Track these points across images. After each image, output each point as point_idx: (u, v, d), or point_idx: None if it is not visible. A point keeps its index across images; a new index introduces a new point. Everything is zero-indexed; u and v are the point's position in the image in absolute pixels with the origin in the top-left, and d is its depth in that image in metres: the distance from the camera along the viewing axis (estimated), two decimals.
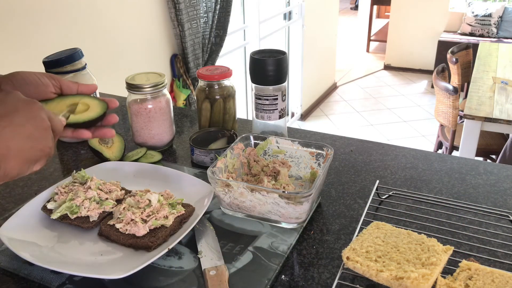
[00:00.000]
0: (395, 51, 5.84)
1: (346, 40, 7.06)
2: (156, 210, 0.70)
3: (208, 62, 2.64)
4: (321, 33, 4.63)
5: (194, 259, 0.66)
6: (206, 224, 0.74)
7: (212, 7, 2.51)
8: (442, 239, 0.68)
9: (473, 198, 0.80)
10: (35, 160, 0.52)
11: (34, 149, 0.51)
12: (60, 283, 0.63)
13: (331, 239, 0.71)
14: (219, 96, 0.98)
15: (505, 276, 0.56)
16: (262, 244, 0.69)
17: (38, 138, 0.51)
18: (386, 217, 0.75)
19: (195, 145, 0.92)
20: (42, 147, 0.52)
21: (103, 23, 2.01)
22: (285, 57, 0.89)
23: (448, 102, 2.73)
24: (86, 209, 0.71)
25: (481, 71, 3.15)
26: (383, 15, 8.04)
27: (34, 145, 0.51)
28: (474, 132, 2.46)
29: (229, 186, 0.71)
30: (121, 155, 0.94)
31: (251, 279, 0.62)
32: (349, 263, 0.59)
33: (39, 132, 0.52)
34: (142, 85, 0.92)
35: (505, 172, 0.87)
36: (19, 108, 0.51)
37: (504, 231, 0.71)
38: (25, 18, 1.67)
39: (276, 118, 0.92)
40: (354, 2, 9.13)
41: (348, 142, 1.02)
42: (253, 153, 0.82)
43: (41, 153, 0.52)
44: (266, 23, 3.48)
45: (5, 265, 0.66)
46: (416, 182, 0.85)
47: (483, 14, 5.22)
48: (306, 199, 0.67)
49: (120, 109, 1.23)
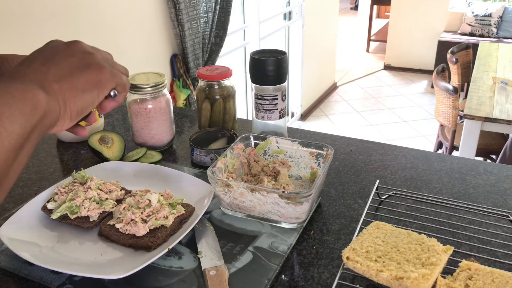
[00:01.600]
0: (395, 51, 5.84)
1: (346, 40, 7.06)
2: (156, 210, 0.70)
3: (208, 62, 2.64)
4: (321, 33, 4.63)
5: (194, 259, 0.66)
6: (206, 224, 0.74)
7: (212, 7, 2.51)
8: (442, 239, 0.68)
9: (473, 198, 0.80)
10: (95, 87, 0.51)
11: (86, 76, 0.50)
12: (60, 283, 0.63)
13: (331, 239, 0.71)
14: (219, 96, 0.98)
15: (505, 276, 0.56)
16: (262, 244, 0.69)
17: (86, 67, 0.50)
18: (386, 217, 0.75)
19: (195, 145, 0.92)
20: (95, 73, 0.51)
21: (103, 23, 2.01)
22: (285, 57, 0.89)
23: (448, 102, 2.73)
24: (86, 209, 0.71)
25: (481, 71, 3.15)
26: (383, 15, 8.04)
27: (84, 72, 0.50)
28: (474, 132, 2.46)
29: (229, 186, 0.71)
30: (121, 155, 0.94)
31: (251, 279, 0.62)
32: (349, 263, 0.59)
33: (85, 61, 0.51)
34: (142, 85, 0.92)
35: (505, 172, 0.87)
36: (59, 49, 0.51)
37: (504, 231, 0.71)
38: (25, 18, 1.67)
39: (276, 118, 0.92)
40: (354, 2, 9.13)
41: (348, 142, 1.02)
42: (253, 153, 0.82)
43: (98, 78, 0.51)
44: (266, 23, 3.48)
45: (5, 265, 0.66)
46: (416, 182, 0.85)
47: (483, 14, 5.22)
48: (306, 199, 0.67)
49: (120, 109, 1.23)
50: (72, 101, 0.49)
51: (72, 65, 0.50)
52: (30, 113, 0.43)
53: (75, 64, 0.50)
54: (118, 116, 1.19)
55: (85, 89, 0.50)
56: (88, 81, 0.50)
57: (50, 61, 0.49)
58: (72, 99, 0.49)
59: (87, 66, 0.51)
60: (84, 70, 0.50)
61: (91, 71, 0.51)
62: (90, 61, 0.51)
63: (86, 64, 0.51)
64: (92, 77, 0.51)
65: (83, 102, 0.50)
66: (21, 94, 0.43)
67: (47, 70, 0.47)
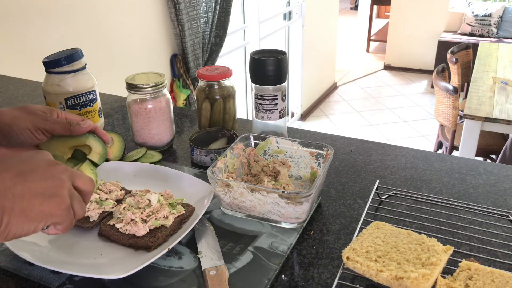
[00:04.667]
0: (395, 51, 5.84)
1: (346, 40, 7.06)
2: (156, 210, 0.70)
3: (208, 62, 2.64)
4: (321, 33, 4.63)
5: (194, 259, 0.66)
6: (206, 224, 0.74)
7: (212, 7, 2.51)
8: (442, 239, 0.68)
9: (473, 198, 0.80)
10: (44, 219, 0.48)
11: (44, 207, 0.48)
12: (60, 283, 0.63)
13: (331, 239, 0.71)
14: (219, 96, 0.98)
15: (505, 276, 0.56)
16: (262, 244, 0.69)
17: (50, 196, 0.48)
18: (386, 217, 0.75)
19: (195, 145, 0.92)
20: (53, 207, 0.48)
21: (103, 23, 2.01)
22: (285, 57, 0.89)
23: (448, 102, 2.73)
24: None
25: (481, 71, 3.15)
26: (383, 15, 8.04)
27: (44, 203, 0.48)
28: (474, 132, 2.46)
29: (229, 186, 0.71)
30: (121, 155, 0.94)
31: (251, 279, 0.62)
32: (349, 263, 0.59)
33: (53, 190, 0.49)
34: (142, 85, 0.92)
35: (505, 172, 0.87)
36: (40, 167, 0.49)
37: (504, 231, 0.71)
38: (25, 18, 1.67)
39: (276, 118, 0.92)
40: (354, 2, 9.13)
41: (348, 142, 1.02)
42: (253, 153, 0.82)
43: (52, 212, 0.48)
44: (266, 23, 3.48)
45: (5, 265, 0.66)
46: (416, 182, 0.85)
47: (483, 14, 5.22)
48: (306, 199, 0.67)
49: (120, 109, 1.23)
50: (14, 226, 0.47)
51: (38, 190, 0.48)
52: None
53: (42, 190, 0.48)
54: (118, 116, 1.19)
55: (34, 219, 0.48)
56: (42, 211, 0.48)
57: (21, 176, 0.47)
58: (16, 224, 0.47)
59: (52, 196, 0.49)
60: (47, 199, 0.48)
61: (51, 202, 0.48)
62: (57, 191, 0.49)
63: (52, 194, 0.49)
64: (48, 208, 0.48)
65: (22, 230, 0.47)
66: None
67: (13, 185, 0.46)
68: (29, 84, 1.42)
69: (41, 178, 0.49)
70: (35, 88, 1.39)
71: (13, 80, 1.46)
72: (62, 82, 0.94)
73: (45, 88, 0.96)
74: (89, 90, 0.98)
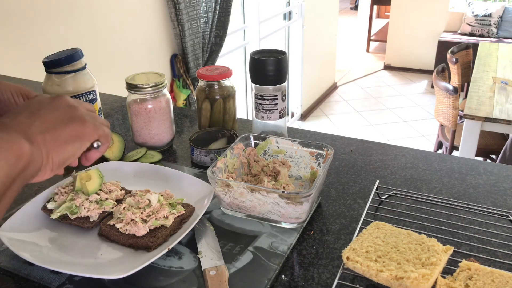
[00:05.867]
0: (395, 51, 5.84)
1: (346, 40, 7.06)
2: (156, 210, 0.70)
3: (208, 62, 2.64)
4: (321, 33, 4.63)
5: (194, 259, 0.66)
6: (206, 224, 0.74)
7: (212, 7, 2.51)
8: (442, 239, 0.68)
9: (473, 198, 0.80)
10: (77, 139, 0.52)
11: (69, 129, 0.52)
12: (60, 283, 0.63)
13: (331, 239, 0.71)
14: (219, 96, 0.98)
15: (505, 276, 0.56)
16: (262, 244, 0.69)
17: (69, 120, 0.52)
18: (386, 217, 0.75)
19: (195, 145, 0.92)
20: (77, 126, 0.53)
21: (103, 23, 2.01)
22: (285, 57, 0.89)
23: (448, 102, 2.73)
24: (86, 209, 0.71)
25: (481, 71, 3.15)
26: (383, 15, 8.04)
27: (67, 126, 0.52)
28: (474, 132, 2.46)
29: (229, 186, 0.71)
30: (121, 155, 0.94)
31: (251, 279, 0.62)
32: (349, 263, 0.59)
33: (69, 115, 0.52)
34: (142, 85, 0.92)
35: (505, 172, 0.87)
36: (45, 103, 0.53)
37: (504, 231, 0.71)
38: (25, 18, 1.67)
39: (276, 118, 0.92)
40: (354, 2, 9.13)
41: (348, 142, 1.02)
42: (253, 153, 0.82)
43: (80, 131, 0.53)
44: (266, 23, 3.48)
45: (5, 265, 0.66)
46: (416, 182, 0.85)
47: (483, 14, 5.22)
48: (306, 199, 0.67)
49: (120, 109, 1.23)
50: (55, 152, 0.50)
51: (56, 118, 0.51)
52: (14, 163, 0.44)
53: (59, 117, 0.52)
54: (118, 116, 1.19)
55: (68, 141, 0.52)
56: (71, 133, 0.52)
57: (35, 114, 0.50)
58: (55, 150, 0.50)
59: (71, 120, 0.53)
60: (68, 123, 0.52)
61: (74, 124, 0.53)
62: (73, 114, 0.53)
63: (70, 117, 0.53)
64: (75, 130, 0.53)
65: (65, 154, 0.51)
66: (6, 144, 0.44)
67: (32, 122, 0.49)
68: (29, 84, 1.42)
69: (52, 110, 0.52)
70: (35, 88, 1.38)
71: (13, 80, 1.46)
72: (62, 82, 0.94)
73: (45, 88, 0.95)
74: (89, 90, 0.97)
